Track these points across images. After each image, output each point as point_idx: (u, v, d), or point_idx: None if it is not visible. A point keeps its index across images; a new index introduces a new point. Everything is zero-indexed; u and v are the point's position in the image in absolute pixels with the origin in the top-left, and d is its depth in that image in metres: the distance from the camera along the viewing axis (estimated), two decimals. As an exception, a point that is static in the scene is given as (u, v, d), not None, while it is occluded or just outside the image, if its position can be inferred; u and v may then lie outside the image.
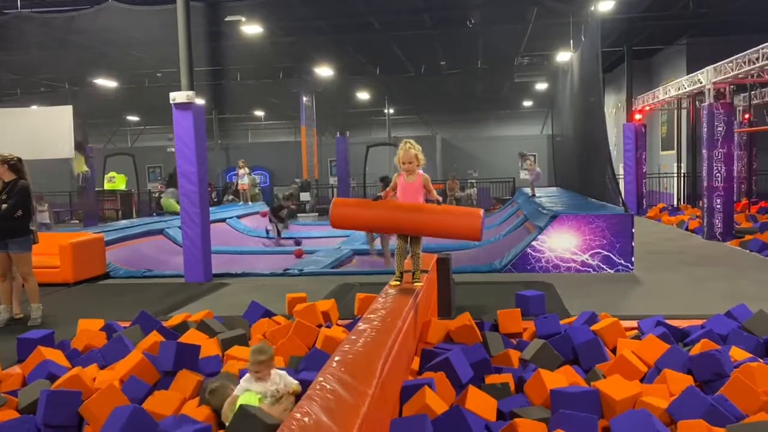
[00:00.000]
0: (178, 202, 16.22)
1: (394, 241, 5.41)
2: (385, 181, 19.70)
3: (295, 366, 4.45)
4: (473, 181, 24.64)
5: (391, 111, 27.90)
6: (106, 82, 19.11)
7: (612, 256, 8.78)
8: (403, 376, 3.86)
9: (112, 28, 11.10)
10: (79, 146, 16.02)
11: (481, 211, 4.56)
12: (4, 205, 6.38)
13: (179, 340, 4.80)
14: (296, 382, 3.77)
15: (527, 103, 28.16)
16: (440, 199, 4.75)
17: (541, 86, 22.77)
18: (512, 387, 4.12)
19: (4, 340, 5.66)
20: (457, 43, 16.02)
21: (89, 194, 17.08)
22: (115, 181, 22.21)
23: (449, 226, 4.46)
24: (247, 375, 3.67)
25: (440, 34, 15.01)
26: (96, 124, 25.54)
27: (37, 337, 5.17)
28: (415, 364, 4.50)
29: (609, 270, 8.78)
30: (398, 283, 4.63)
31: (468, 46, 16.37)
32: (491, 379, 4.26)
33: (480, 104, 25.86)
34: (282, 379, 3.71)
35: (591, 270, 8.82)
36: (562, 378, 4.09)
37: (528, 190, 15.05)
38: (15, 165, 6.55)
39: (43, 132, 9.48)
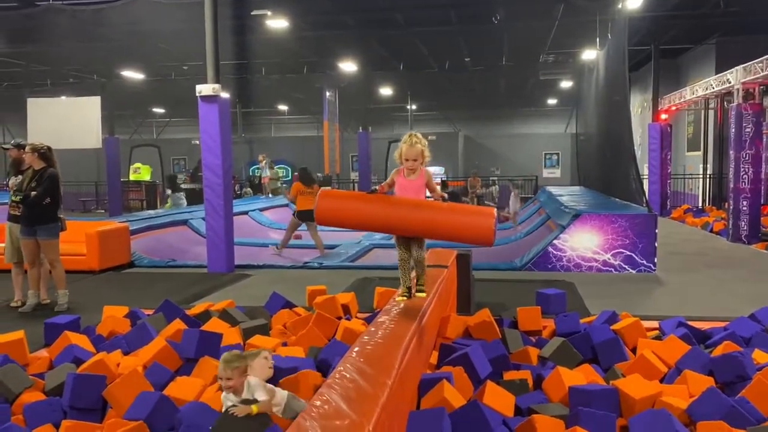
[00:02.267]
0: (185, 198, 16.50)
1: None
2: None
3: (314, 356, 4.50)
4: (495, 178, 24.55)
5: (414, 107, 27.87)
6: (134, 74, 19.35)
7: (634, 256, 8.70)
8: (421, 370, 3.89)
9: (140, 20, 11.25)
10: (173, 184, 16.37)
11: (495, 211, 3.95)
12: (33, 193, 6.52)
13: (202, 328, 4.87)
14: (264, 398, 3.27)
15: (552, 101, 27.94)
16: (445, 196, 4.07)
17: (566, 84, 22.58)
18: (530, 384, 4.13)
19: (32, 325, 5.78)
20: (482, 39, 15.95)
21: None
22: (140, 172, 22.49)
23: (457, 226, 3.80)
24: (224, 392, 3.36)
25: (465, 30, 14.95)
26: (123, 115, 25.88)
27: (63, 322, 5.28)
28: (434, 358, 4.52)
29: (631, 270, 8.71)
30: (406, 297, 3.99)
31: (493, 42, 16.29)
32: (509, 375, 4.26)
33: (504, 101, 25.74)
34: (250, 390, 3.28)
35: (613, 270, 8.76)
36: (581, 376, 4.08)
37: (551, 189, 14.94)
38: (45, 153, 6.69)
39: (72, 122, 9.66)
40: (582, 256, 8.83)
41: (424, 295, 4.04)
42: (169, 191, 16.49)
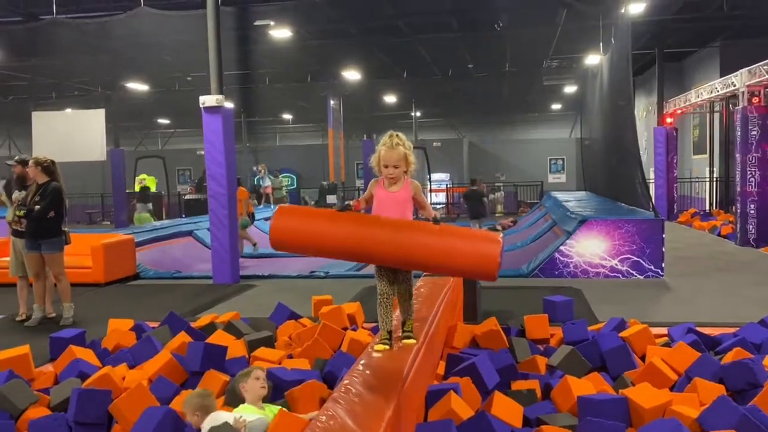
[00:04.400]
0: (151, 214, 16.53)
1: None
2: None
3: (320, 368, 4.46)
4: (500, 184, 24.50)
5: (418, 114, 27.89)
6: (138, 86, 19.44)
7: (642, 261, 8.64)
8: (428, 381, 3.85)
9: (143, 32, 11.30)
10: (144, 195, 16.39)
11: (501, 237, 3.13)
12: (37, 207, 6.52)
13: (207, 341, 4.84)
14: None
15: (556, 106, 27.92)
16: (438, 216, 3.25)
17: (570, 89, 22.53)
18: (539, 393, 4.08)
19: (38, 339, 5.77)
20: (484, 46, 15.96)
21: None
22: (146, 183, 22.53)
23: (454, 254, 2.99)
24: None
25: (468, 37, 14.97)
26: (128, 127, 26.00)
27: (68, 336, 5.26)
28: (441, 368, 4.48)
29: (639, 276, 8.65)
30: (387, 346, 3.28)
31: (496, 49, 16.30)
32: (517, 385, 4.21)
33: (508, 107, 25.73)
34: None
35: (620, 276, 8.69)
36: (590, 385, 4.03)
37: (557, 195, 14.89)
38: (48, 167, 6.69)
39: (77, 135, 9.70)
40: (589, 262, 8.78)
41: (412, 341, 3.33)
42: (138, 205, 16.57)
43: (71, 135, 9.62)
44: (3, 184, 7.34)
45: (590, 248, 8.76)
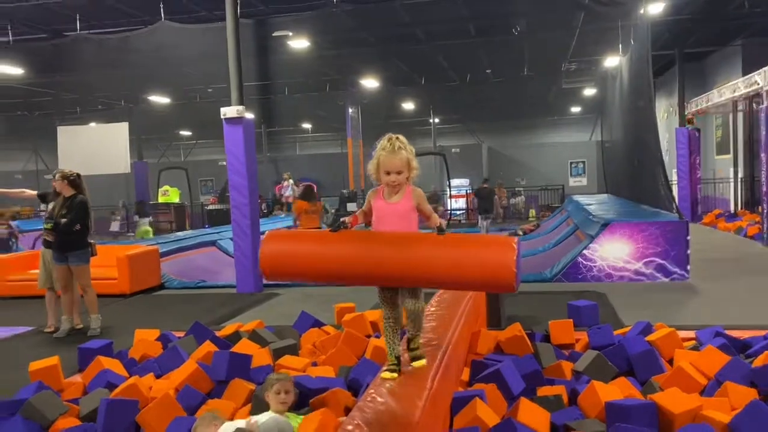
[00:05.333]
0: (151, 226, 16.71)
1: None
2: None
3: (345, 375, 4.47)
4: (520, 189, 24.36)
5: (437, 120, 27.89)
6: (160, 99, 19.70)
7: (667, 264, 8.53)
8: (453, 388, 3.84)
9: (164, 46, 11.47)
10: (142, 210, 16.65)
11: (516, 241, 2.82)
12: (64, 220, 6.63)
13: (232, 350, 4.87)
14: None
15: (575, 109, 27.73)
16: (443, 224, 2.95)
17: (590, 92, 22.39)
18: (565, 399, 4.04)
19: (66, 350, 5.86)
20: (502, 50, 15.93)
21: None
22: (169, 194, 22.79)
23: (462, 266, 2.73)
24: None
25: (485, 43, 14.95)
26: (151, 139, 26.35)
27: (96, 347, 5.33)
28: (465, 375, 4.45)
29: (664, 279, 8.54)
30: (394, 373, 2.99)
31: (513, 53, 16.26)
32: (543, 391, 4.17)
33: (527, 111, 25.61)
34: None
35: (645, 279, 8.59)
36: (617, 390, 3.98)
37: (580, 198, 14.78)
38: (74, 181, 6.81)
39: (101, 148, 9.86)
40: (613, 266, 8.69)
41: (423, 363, 3.06)
42: (136, 217, 16.79)
43: (96, 148, 9.79)
44: (39, 194, 7.44)
45: (614, 252, 8.67)
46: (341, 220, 2.97)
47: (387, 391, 2.78)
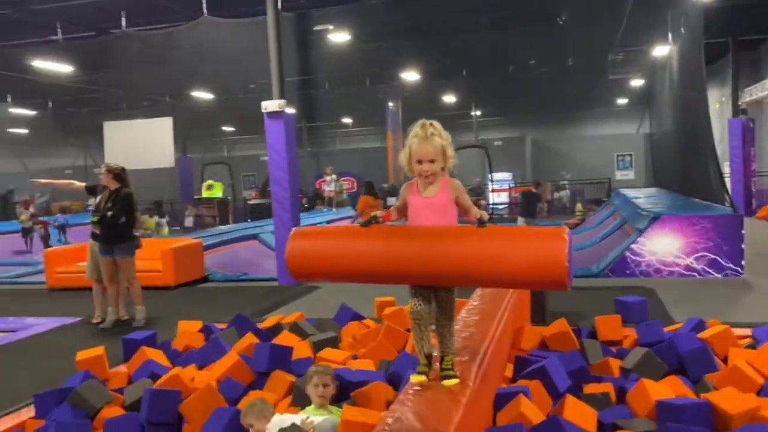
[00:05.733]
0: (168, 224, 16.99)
1: None
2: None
3: (385, 369, 4.41)
4: (565, 182, 23.90)
5: (478, 113, 27.57)
6: (203, 95, 19.98)
7: (719, 259, 8.22)
8: (496, 383, 3.74)
9: (206, 41, 11.59)
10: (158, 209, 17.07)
11: (567, 232, 2.58)
12: (110, 213, 6.75)
13: (273, 341, 4.87)
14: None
15: (622, 101, 27.05)
16: (485, 216, 2.70)
17: (637, 83, 21.80)
18: (613, 397, 3.90)
19: (112, 341, 5.96)
20: (546, 41, 15.60)
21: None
22: (213, 189, 23.15)
23: (505, 261, 2.50)
24: None
25: (529, 33, 14.66)
26: (195, 135, 26.77)
27: (140, 338, 5.40)
28: (509, 371, 4.35)
29: (716, 274, 8.23)
30: (424, 376, 2.79)
31: (558, 43, 15.91)
32: (590, 388, 4.04)
33: (572, 103, 25.06)
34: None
35: (696, 274, 8.29)
36: (668, 389, 3.83)
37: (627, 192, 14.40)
38: (119, 174, 6.93)
39: (146, 143, 10.03)
40: (662, 261, 8.41)
41: (455, 381, 2.73)
42: (156, 217, 17.14)
43: (141, 143, 9.97)
44: (87, 186, 7.57)
45: (663, 246, 8.39)
46: (373, 214, 2.77)
47: (428, 387, 2.71)
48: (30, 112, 22.08)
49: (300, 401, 3.86)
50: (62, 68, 14.17)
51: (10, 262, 13.26)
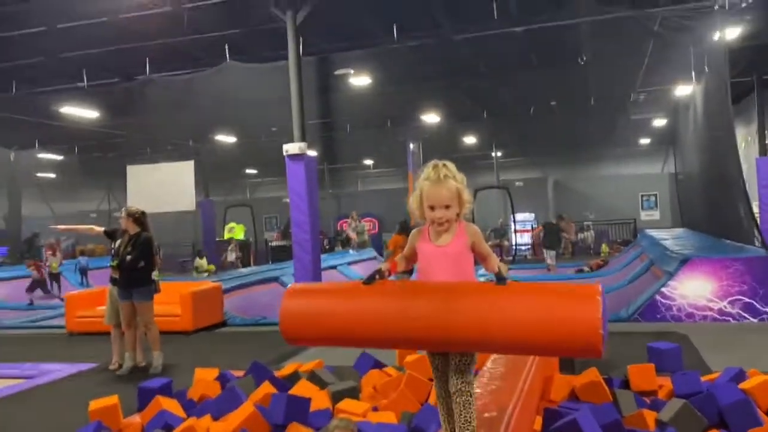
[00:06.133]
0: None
1: None
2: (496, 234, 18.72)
3: (407, 421, 4.21)
4: (589, 223, 23.57)
5: (499, 154, 27.51)
6: (226, 138, 20.21)
7: (755, 303, 7.90)
8: (526, 439, 3.53)
9: (229, 86, 11.73)
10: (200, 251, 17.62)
11: (600, 290, 2.31)
12: (129, 257, 6.70)
13: (290, 391, 4.71)
14: None
15: (645, 141, 26.83)
16: (505, 269, 2.49)
17: (660, 122, 21.62)
18: (651, 454, 3.66)
19: (128, 388, 5.83)
20: (567, 81, 15.56)
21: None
22: (234, 231, 23.21)
23: (531, 326, 2.23)
24: None
25: (549, 73, 14.63)
26: (217, 177, 27.06)
27: (156, 386, 5.27)
28: (537, 424, 4.12)
29: (752, 319, 7.90)
30: None
31: (580, 83, 15.86)
32: (625, 444, 3.81)
33: (594, 143, 24.91)
34: None
35: (731, 319, 7.97)
36: (711, 446, 3.58)
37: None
38: (139, 218, 6.91)
39: (168, 186, 10.07)
40: (694, 305, 8.10)
41: None
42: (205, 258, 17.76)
43: (163, 187, 10.02)
44: (106, 231, 7.53)
45: (695, 289, 8.10)
46: (378, 269, 2.52)
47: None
48: (57, 157, 22.50)
49: (317, 457, 3.68)
50: (88, 114, 14.43)
51: (31, 306, 13.32)
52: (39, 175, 24.60)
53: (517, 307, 2.28)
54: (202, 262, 17.09)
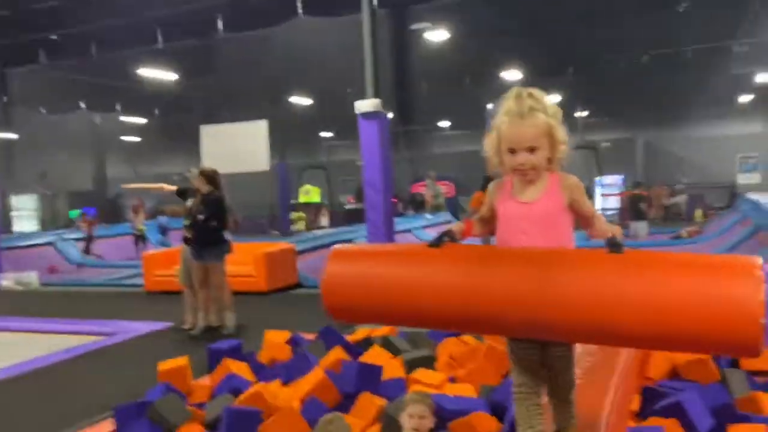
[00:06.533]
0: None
1: None
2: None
3: (487, 395, 3.86)
4: (682, 186, 22.21)
5: (585, 113, 26.23)
6: (302, 100, 20.14)
7: None
8: (626, 423, 3.11)
9: (302, 42, 11.48)
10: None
11: (759, 265, 1.70)
12: (200, 216, 6.60)
13: (362, 358, 4.47)
14: None
15: (745, 98, 24.86)
16: (620, 232, 1.89)
17: (763, 77, 19.93)
18: (770, 444, 3.18)
19: (200, 349, 5.76)
20: (663, 31, 14.40)
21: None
22: (310, 194, 23.30)
23: (656, 311, 1.66)
24: None
25: (645, 22, 13.55)
26: (294, 140, 27.17)
27: (225, 348, 5.16)
28: (635, 403, 3.68)
29: None
30: None
31: (677, 34, 14.66)
32: (736, 430, 3.33)
33: (688, 101, 23.27)
34: None
35: None
36: None
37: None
38: (211, 176, 6.78)
39: (242, 146, 9.95)
40: (808, 274, 7.28)
41: None
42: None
43: (237, 147, 9.91)
44: (178, 190, 7.46)
45: (810, 257, 7.28)
46: (447, 229, 2.04)
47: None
48: (140, 120, 23.15)
49: (389, 430, 3.39)
50: (166, 76, 14.59)
51: (115, 264, 13.79)
52: (123, 138, 25.44)
53: (639, 282, 1.69)
54: (300, 215, 16.88)
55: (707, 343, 1.69)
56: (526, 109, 1.90)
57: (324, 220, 19.49)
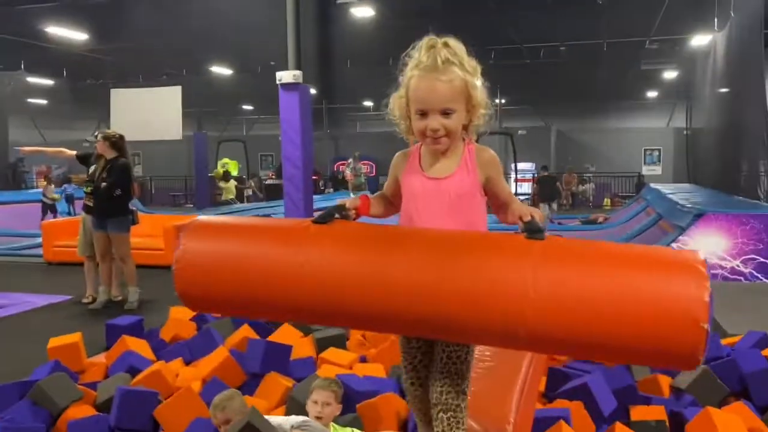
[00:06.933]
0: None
1: None
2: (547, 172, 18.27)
3: (397, 376, 3.80)
4: (590, 175, 23.12)
5: (503, 101, 26.77)
6: (221, 70, 19.42)
7: (769, 263, 7.48)
8: (534, 405, 3.11)
9: (223, 9, 10.98)
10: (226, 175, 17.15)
11: (702, 261, 1.40)
12: (104, 184, 6.18)
13: (271, 337, 4.30)
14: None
15: (652, 94, 26.14)
16: (536, 219, 1.53)
17: (670, 75, 20.99)
18: (668, 425, 3.27)
19: (99, 324, 5.42)
20: (580, 24, 14.78)
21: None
22: (228, 167, 22.61)
23: (585, 309, 1.37)
24: None
25: (561, 14, 13.84)
26: (212, 111, 26.26)
27: (125, 324, 4.86)
28: (541, 385, 3.72)
29: (765, 279, 7.51)
30: None
31: (593, 27, 15.09)
32: (638, 412, 3.41)
33: (600, 94, 24.22)
34: None
35: (742, 278, 7.58)
36: (737, 420, 3.19)
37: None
38: (116, 142, 6.35)
39: (154, 112, 9.46)
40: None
41: None
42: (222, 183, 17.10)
43: (148, 113, 9.39)
44: (78, 155, 6.96)
45: (708, 246, 7.66)
46: (337, 203, 1.66)
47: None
48: (47, 82, 21.67)
49: (295, 413, 3.26)
50: (76, 35, 13.66)
51: (12, 233, 12.87)
52: (30, 100, 23.78)
53: (563, 276, 1.38)
54: (229, 186, 16.63)
55: (638, 352, 1.40)
56: (441, 61, 1.60)
57: (249, 192, 19.15)
